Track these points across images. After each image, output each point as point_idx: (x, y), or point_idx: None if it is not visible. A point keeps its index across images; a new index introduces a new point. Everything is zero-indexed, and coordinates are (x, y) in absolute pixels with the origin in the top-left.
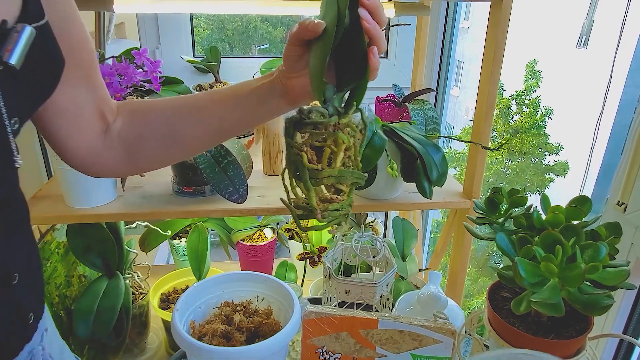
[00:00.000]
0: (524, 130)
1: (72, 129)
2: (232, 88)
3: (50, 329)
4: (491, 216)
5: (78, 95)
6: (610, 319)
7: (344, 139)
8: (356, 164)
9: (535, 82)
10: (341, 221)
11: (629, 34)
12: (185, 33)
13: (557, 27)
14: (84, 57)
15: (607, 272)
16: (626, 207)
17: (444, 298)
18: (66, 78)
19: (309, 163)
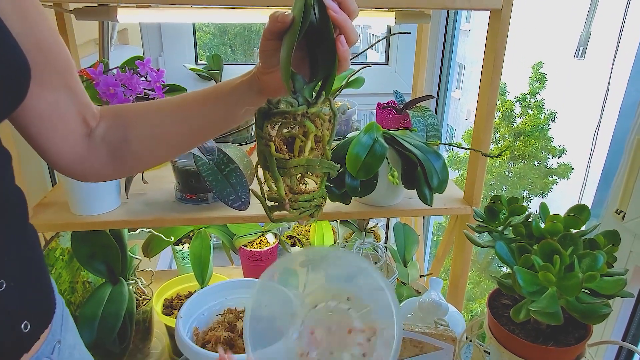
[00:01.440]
0: (527, 133)
1: (53, 134)
2: (214, 87)
3: (68, 341)
4: (491, 224)
5: (57, 101)
6: (610, 325)
7: (312, 128)
8: (326, 154)
9: (540, 84)
10: (313, 212)
11: (626, 44)
12: (187, 40)
13: (555, 39)
14: (60, 63)
15: (605, 281)
16: (624, 215)
17: (445, 305)
18: (44, 84)
19: (277, 153)
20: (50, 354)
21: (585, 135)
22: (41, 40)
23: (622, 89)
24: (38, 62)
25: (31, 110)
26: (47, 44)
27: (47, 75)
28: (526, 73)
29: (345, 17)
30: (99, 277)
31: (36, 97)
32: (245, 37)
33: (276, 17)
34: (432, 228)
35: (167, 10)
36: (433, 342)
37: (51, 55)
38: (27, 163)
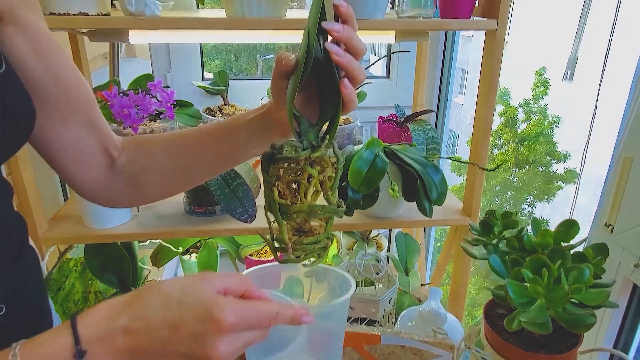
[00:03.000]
0: (530, 138)
1: (78, 165)
2: (229, 120)
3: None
4: (486, 237)
5: (80, 135)
6: (602, 333)
7: (314, 174)
8: (329, 199)
9: (544, 89)
10: (318, 254)
11: (612, 67)
12: (195, 58)
13: (543, 62)
14: (81, 99)
15: (590, 293)
16: (613, 229)
17: (444, 313)
18: (65, 119)
19: (280, 198)
20: None
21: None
22: (60, 77)
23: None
24: (58, 98)
25: (55, 144)
26: (66, 81)
27: (67, 110)
28: (529, 79)
29: (350, 60)
30: (111, 287)
31: (59, 132)
32: (249, 45)
33: (281, 59)
34: (434, 236)
35: (176, 32)
36: (431, 350)
37: (71, 91)
38: (40, 179)
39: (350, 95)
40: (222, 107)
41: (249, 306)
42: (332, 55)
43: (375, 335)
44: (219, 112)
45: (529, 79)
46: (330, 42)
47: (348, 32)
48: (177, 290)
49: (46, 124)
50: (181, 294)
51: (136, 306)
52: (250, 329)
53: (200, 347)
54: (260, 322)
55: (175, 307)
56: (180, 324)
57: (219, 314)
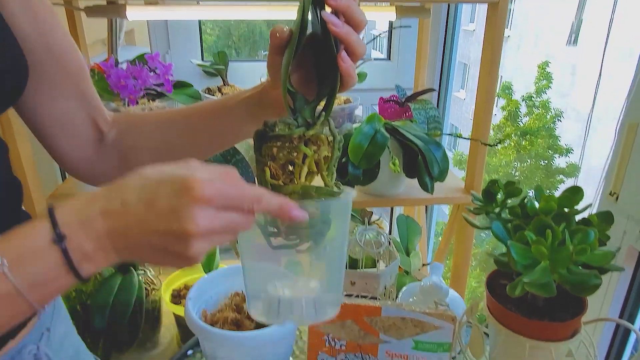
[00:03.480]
0: (532, 132)
1: (65, 137)
2: (224, 99)
3: (58, 330)
4: (488, 207)
5: (70, 105)
6: (606, 305)
7: (308, 152)
8: (325, 180)
9: (547, 83)
10: (315, 239)
11: (617, 30)
12: (194, 38)
13: (549, 27)
14: (73, 69)
15: (595, 254)
16: (618, 197)
17: (445, 288)
18: (55, 87)
19: (272, 179)
20: (38, 341)
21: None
22: (52, 43)
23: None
24: (49, 65)
25: (43, 114)
26: (58, 47)
27: (58, 78)
28: (532, 73)
29: (349, 30)
30: (109, 266)
31: (48, 101)
32: (250, 39)
33: (275, 32)
34: (435, 224)
35: (174, 8)
36: (433, 322)
37: (63, 58)
38: (37, 158)
39: (348, 69)
40: (221, 88)
41: (228, 184)
42: (329, 25)
43: (376, 307)
44: (218, 92)
45: (531, 72)
46: (329, 13)
47: (346, 1)
48: (154, 172)
49: (35, 91)
50: (158, 174)
51: (113, 190)
52: (230, 209)
53: (176, 222)
54: (241, 202)
55: (151, 185)
56: (155, 199)
57: (194, 184)
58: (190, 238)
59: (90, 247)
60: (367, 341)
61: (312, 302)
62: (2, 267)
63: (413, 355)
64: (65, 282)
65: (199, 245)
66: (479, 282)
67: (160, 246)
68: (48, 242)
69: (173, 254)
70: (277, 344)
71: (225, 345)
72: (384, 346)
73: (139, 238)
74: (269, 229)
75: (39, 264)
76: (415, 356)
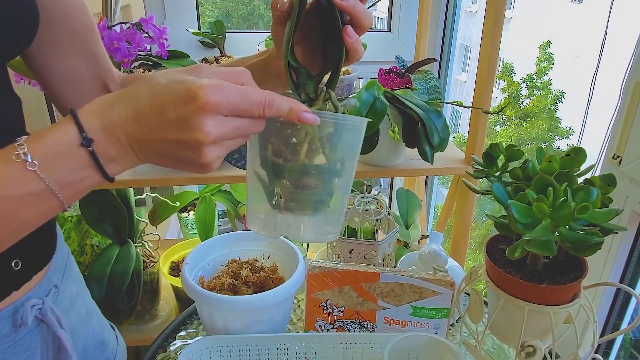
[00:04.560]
0: (533, 114)
1: (74, 96)
2: (229, 63)
3: (70, 289)
4: (489, 170)
5: (78, 63)
6: (607, 270)
7: (308, 129)
8: (328, 157)
9: (548, 65)
10: (316, 207)
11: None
12: (190, 8)
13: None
14: (80, 26)
15: (597, 212)
16: (621, 160)
17: (444, 255)
18: (63, 43)
19: (274, 155)
20: (45, 295)
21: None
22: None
23: (620, 33)
24: (58, 21)
25: (52, 70)
26: (67, 4)
27: (68, 36)
28: (534, 56)
29: (354, 3)
30: (107, 238)
31: (58, 57)
32: (249, 22)
33: (276, 3)
34: (435, 196)
35: None
36: (432, 288)
37: (71, 16)
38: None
39: (354, 44)
40: (218, 59)
41: (237, 88)
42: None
43: (374, 273)
44: (215, 63)
45: (533, 55)
46: None
47: None
48: (164, 78)
49: (44, 47)
50: (167, 79)
51: (126, 95)
52: (239, 114)
53: (186, 131)
54: (250, 107)
55: (160, 92)
56: (164, 107)
57: (199, 92)
58: (201, 146)
59: (114, 152)
60: (365, 308)
61: (312, 226)
62: (34, 167)
63: (411, 321)
64: (94, 180)
65: (211, 152)
66: (477, 263)
67: (175, 153)
68: (76, 145)
69: (188, 161)
70: (273, 309)
71: (221, 310)
72: (382, 312)
73: (155, 145)
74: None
75: (69, 165)
76: (414, 322)
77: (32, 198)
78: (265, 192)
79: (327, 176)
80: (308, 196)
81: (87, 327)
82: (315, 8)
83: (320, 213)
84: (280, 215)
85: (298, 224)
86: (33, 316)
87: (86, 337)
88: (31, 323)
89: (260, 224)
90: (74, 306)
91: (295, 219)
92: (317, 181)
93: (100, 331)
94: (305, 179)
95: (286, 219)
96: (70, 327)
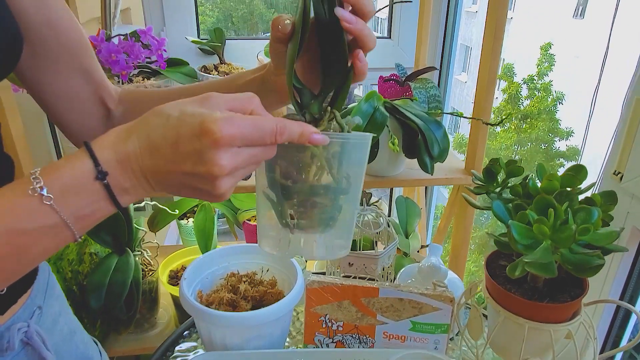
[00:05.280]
0: (533, 115)
1: (72, 114)
2: (228, 78)
3: (52, 308)
4: (489, 186)
5: (74, 81)
6: (607, 286)
7: (315, 151)
8: (336, 177)
9: (548, 66)
10: (327, 224)
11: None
12: (189, 15)
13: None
14: (72, 42)
15: (598, 234)
16: (622, 177)
17: (444, 269)
18: (57, 62)
19: (281, 177)
20: (29, 318)
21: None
22: (52, 18)
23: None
24: (50, 40)
25: (48, 89)
26: (58, 22)
27: (60, 53)
28: (534, 57)
29: (362, 26)
30: (105, 247)
31: (52, 77)
32: (249, 22)
33: (277, 24)
34: (434, 206)
35: None
36: (431, 303)
37: (63, 34)
38: (33, 137)
39: (363, 68)
40: (218, 66)
41: (248, 119)
42: (342, 23)
43: (374, 288)
44: (214, 71)
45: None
46: (341, 9)
47: None
48: (176, 110)
49: (38, 67)
50: (180, 112)
51: (140, 128)
52: (252, 144)
53: (201, 165)
54: (262, 136)
55: (173, 125)
56: (178, 141)
57: (212, 126)
58: (216, 179)
59: (128, 184)
60: (364, 322)
61: (323, 243)
62: (50, 201)
63: (411, 336)
64: (106, 211)
65: (225, 183)
66: (477, 266)
67: (190, 185)
68: (91, 178)
69: (202, 192)
70: (273, 325)
71: (220, 326)
72: (381, 327)
73: (169, 177)
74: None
75: (84, 198)
76: (413, 337)
77: (46, 231)
78: (275, 212)
79: (335, 194)
80: (318, 215)
81: (70, 345)
82: (313, 25)
83: (330, 229)
84: (291, 235)
85: (310, 243)
86: (19, 340)
87: (70, 355)
88: (17, 347)
89: (272, 243)
90: (57, 325)
91: (307, 237)
92: (326, 200)
93: (84, 349)
94: (314, 199)
95: (298, 238)
96: (54, 347)
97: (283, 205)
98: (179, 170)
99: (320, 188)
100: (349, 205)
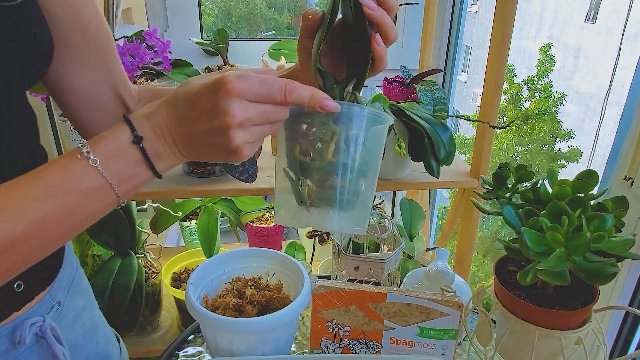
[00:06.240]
0: (534, 116)
1: (92, 112)
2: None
3: (76, 304)
4: (498, 191)
5: (95, 79)
6: (617, 292)
7: (335, 130)
8: (354, 156)
9: (549, 66)
10: (342, 204)
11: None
12: (193, 16)
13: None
14: (98, 42)
15: (612, 241)
16: (633, 182)
17: (452, 274)
18: (81, 62)
19: (300, 155)
20: (46, 313)
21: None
22: (79, 17)
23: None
24: (76, 39)
25: (69, 87)
26: (85, 22)
27: (84, 53)
28: (535, 57)
29: (383, 14)
30: (108, 249)
31: (75, 75)
32: (249, 21)
33: (308, 14)
34: (438, 207)
35: None
36: (439, 309)
37: (89, 33)
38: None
39: (381, 52)
40: (221, 67)
41: (259, 77)
42: (364, 8)
43: (381, 293)
44: (218, 72)
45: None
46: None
47: None
48: (198, 78)
49: (61, 64)
50: (200, 78)
51: (169, 100)
52: (263, 99)
53: (215, 117)
54: (272, 92)
55: (194, 89)
56: (197, 101)
57: (226, 79)
58: (229, 130)
59: (161, 148)
60: (371, 327)
61: (337, 218)
62: (96, 164)
63: (418, 342)
64: (145, 176)
65: (239, 135)
66: (478, 266)
67: (209, 143)
68: (129, 142)
69: (220, 149)
70: (279, 331)
71: (226, 332)
72: (388, 333)
73: (192, 137)
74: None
75: (124, 161)
76: (421, 343)
77: (93, 192)
78: (292, 189)
79: (352, 174)
80: (335, 194)
81: (91, 341)
82: (340, 24)
83: (346, 210)
84: (306, 211)
85: (324, 217)
86: (33, 334)
87: (89, 350)
88: (30, 340)
89: (288, 215)
90: (79, 320)
91: (322, 213)
92: (343, 179)
93: (105, 344)
94: (332, 177)
95: (313, 214)
96: (72, 342)
97: (302, 182)
98: (199, 129)
99: (339, 166)
100: (366, 188)
